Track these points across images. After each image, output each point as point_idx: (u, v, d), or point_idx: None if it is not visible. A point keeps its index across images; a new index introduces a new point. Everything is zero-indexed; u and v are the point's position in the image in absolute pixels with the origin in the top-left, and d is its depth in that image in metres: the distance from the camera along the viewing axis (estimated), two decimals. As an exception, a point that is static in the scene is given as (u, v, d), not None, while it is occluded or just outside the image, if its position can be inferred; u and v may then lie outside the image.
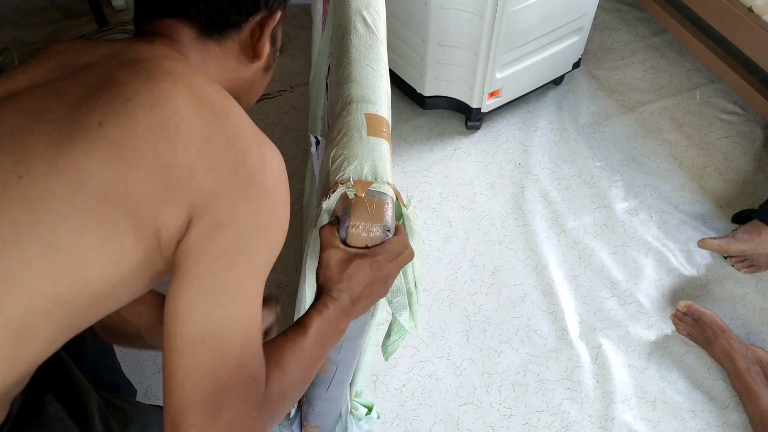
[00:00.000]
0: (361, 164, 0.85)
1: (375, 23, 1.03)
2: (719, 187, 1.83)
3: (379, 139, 0.88)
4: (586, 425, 1.41)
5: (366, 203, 0.82)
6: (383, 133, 0.89)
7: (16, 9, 2.32)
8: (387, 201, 0.83)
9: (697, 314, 1.49)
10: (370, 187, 0.83)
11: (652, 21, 2.24)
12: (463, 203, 1.79)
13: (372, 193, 0.83)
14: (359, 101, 0.91)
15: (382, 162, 0.86)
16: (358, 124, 0.89)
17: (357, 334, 1.02)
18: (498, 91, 1.83)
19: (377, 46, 1.00)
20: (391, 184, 0.86)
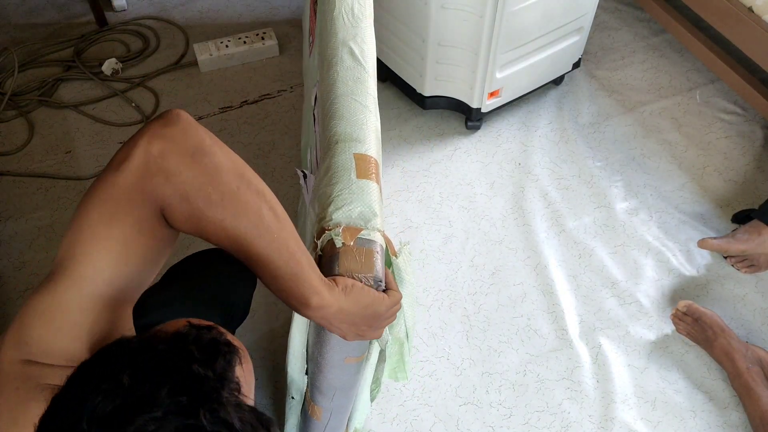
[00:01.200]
0: (350, 209, 0.80)
1: (363, 55, 0.98)
2: (719, 187, 1.83)
3: (369, 182, 0.83)
4: (586, 425, 1.41)
5: (354, 252, 0.77)
6: (372, 174, 0.85)
7: (16, 9, 2.32)
8: (376, 249, 0.78)
9: (697, 314, 1.50)
10: (359, 234, 0.78)
11: (652, 21, 2.24)
12: (463, 203, 1.79)
13: (361, 242, 0.78)
14: (347, 140, 0.87)
15: (370, 206, 0.81)
16: (346, 165, 0.84)
17: (350, 385, 0.99)
18: (498, 91, 1.83)
19: (366, 79, 0.95)
20: (381, 230, 0.81)
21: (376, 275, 0.77)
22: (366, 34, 1.04)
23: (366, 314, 0.80)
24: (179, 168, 0.67)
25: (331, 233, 0.78)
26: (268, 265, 0.73)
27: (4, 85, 2.04)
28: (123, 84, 2.07)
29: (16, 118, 1.98)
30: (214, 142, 0.70)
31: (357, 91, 0.93)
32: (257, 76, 2.10)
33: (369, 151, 0.88)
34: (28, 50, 2.16)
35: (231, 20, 2.27)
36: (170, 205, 0.68)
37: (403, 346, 0.96)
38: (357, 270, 0.76)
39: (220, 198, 0.69)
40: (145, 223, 0.69)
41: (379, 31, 1.90)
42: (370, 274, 0.76)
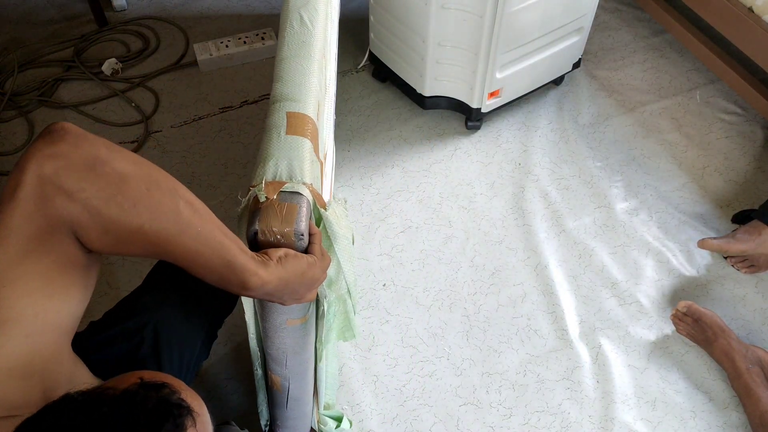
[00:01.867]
0: (276, 164, 0.79)
1: (312, 20, 0.99)
2: (719, 187, 1.83)
3: (299, 138, 0.82)
4: (586, 425, 1.41)
5: (276, 208, 0.75)
6: (306, 131, 0.84)
7: (16, 9, 2.32)
8: (301, 204, 0.77)
9: (697, 314, 1.49)
10: (283, 188, 0.77)
11: (652, 21, 2.24)
12: (463, 203, 1.79)
13: (284, 196, 0.76)
14: (283, 100, 0.87)
15: (299, 161, 0.80)
16: (277, 123, 0.84)
17: (299, 348, 0.99)
18: (498, 91, 1.83)
19: (311, 42, 0.95)
20: (308, 183, 0.80)
21: (296, 229, 0.75)
22: (318, 2, 1.04)
23: (303, 281, 0.79)
24: (80, 184, 0.63)
25: (255, 189, 0.77)
26: (198, 259, 0.71)
27: (4, 85, 2.04)
28: (123, 84, 2.07)
29: (16, 118, 1.98)
30: (111, 149, 0.66)
31: (300, 54, 0.93)
32: (257, 76, 2.10)
33: (305, 110, 0.87)
34: (28, 50, 2.16)
35: (231, 20, 2.28)
36: (80, 224, 0.64)
37: (345, 304, 0.96)
38: (277, 225, 0.75)
39: (133, 204, 0.65)
40: (59, 250, 0.64)
41: (379, 31, 1.90)
42: (289, 228, 0.75)
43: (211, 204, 1.72)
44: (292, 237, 0.76)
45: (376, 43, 1.96)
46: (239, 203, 0.82)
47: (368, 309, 1.58)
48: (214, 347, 1.49)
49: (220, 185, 1.79)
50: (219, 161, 1.85)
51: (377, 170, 1.85)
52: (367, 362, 1.50)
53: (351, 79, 2.08)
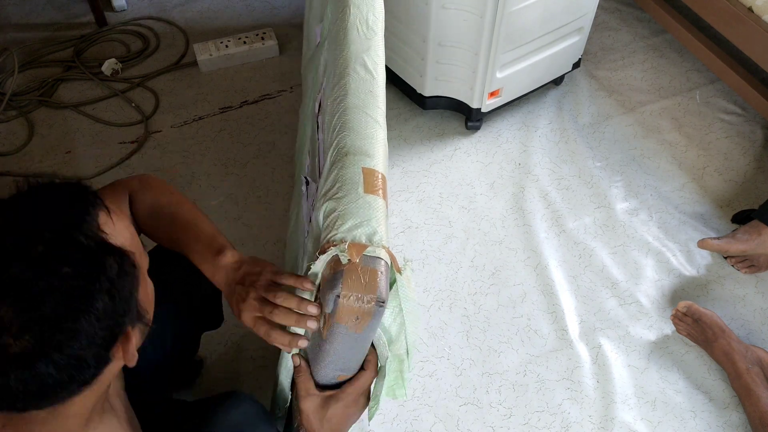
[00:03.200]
0: (356, 224, 0.78)
1: (375, 68, 0.98)
2: (719, 187, 1.83)
3: (376, 198, 0.81)
4: (586, 425, 1.41)
5: (359, 271, 0.75)
6: (378, 190, 0.83)
7: (16, 9, 2.32)
8: (381, 269, 0.76)
9: (697, 315, 1.49)
10: (365, 251, 0.76)
11: (652, 21, 2.24)
12: (463, 203, 1.79)
13: (366, 260, 0.76)
14: (356, 153, 0.86)
15: (378, 223, 0.79)
16: (354, 179, 0.82)
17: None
18: (498, 91, 1.83)
19: (377, 93, 0.95)
20: (386, 247, 0.79)
21: (379, 296, 0.75)
22: (379, 47, 1.03)
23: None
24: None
25: (336, 249, 0.76)
26: (193, 227, 0.91)
27: (4, 85, 2.04)
28: (123, 84, 2.07)
29: (16, 118, 1.98)
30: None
31: (368, 104, 0.92)
32: (257, 76, 2.10)
33: (377, 166, 0.86)
34: (28, 50, 2.16)
35: (231, 20, 2.28)
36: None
37: (402, 363, 0.95)
38: (360, 290, 0.75)
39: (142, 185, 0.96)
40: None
41: (379, 31, 1.90)
42: (372, 295, 0.75)
43: (212, 204, 1.73)
44: (373, 303, 0.75)
45: (376, 43, 1.96)
46: (312, 257, 0.81)
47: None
48: (214, 346, 1.49)
49: (220, 185, 1.79)
50: (219, 161, 1.85)
51: (377, 170, 1.85)
52: (367, 362, 1.50)
53: (351, 79, 2.08)
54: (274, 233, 1.70)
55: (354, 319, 0.77)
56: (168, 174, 1.82)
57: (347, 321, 0.78)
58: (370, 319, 0.77)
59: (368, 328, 0.80)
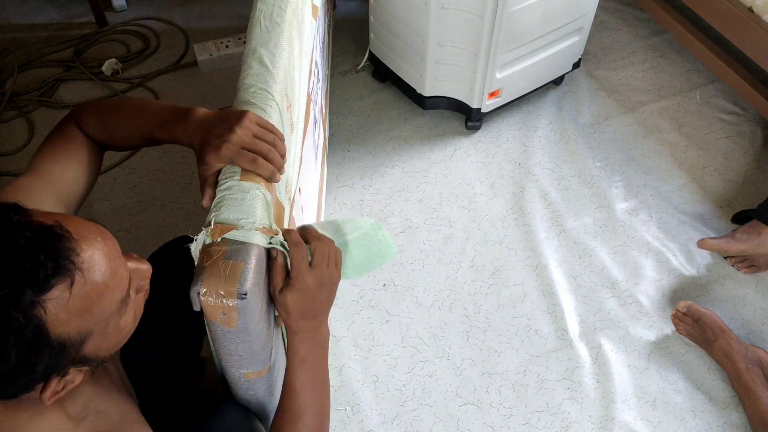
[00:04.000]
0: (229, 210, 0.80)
1: (272, 60, 1.01)
2: (719, 187, 1.83)
3: (252, 184, 0.83)
4: (586, 425, 1.41)
5: (220, 266, 0.75)
6: (258, 177, 0.85)
7: (16, 9, 2.32)
8: (247, 261, 0.76)
9: (697, 315, 1.49)
10: (231, 233, 0.77)
11: (652, 21, 2.24)
12: (463, 203, 1.79)
13: (231, 250, 0.76)
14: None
15: (251, 207, 0.80)
16: (232, 168, 0.85)
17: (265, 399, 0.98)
18: (498, 91, 1.83)
19: (272, 86, 0.98)
20: (265, 227, 0.80)
21: (240, 288, 0.74)
22: (281, 39, 1.04)
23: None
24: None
25: (203, 232, 0.78)
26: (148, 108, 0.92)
27: (4, 86, 2.04)
28: (123, 84, 2.07)
29: (16, 118, 1.98)
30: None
31: (259, 97, 0.95)
32: (257, 76, 2.10)
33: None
34: (28, 50, 2.16)
35: (231, 20, 2.28)
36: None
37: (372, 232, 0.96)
38: (219, 285, 0.74)
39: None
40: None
41: (379, 31, 1.90)
42: (232, 288, 0.74)
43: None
44: (235, 296, 0.75)
45: (376, 43, 1.96)
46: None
47: (368, 309, 1.58)
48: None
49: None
50: (219, 161, 1.85)
51: (377, 170, 1.85)
52: (367, 362, 1.50)
53: (351, 79, 2.08)
54: (274, 233, 1.70)
55: (221, 314, 0.76)
56: (168, 174, 1.82)
57: (216, 317, 0.77)
58: (236, 313, 0.76)
59: (243, 321, 0.78)
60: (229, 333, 0.79)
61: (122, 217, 1.74)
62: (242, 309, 0.76)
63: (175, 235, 1.26)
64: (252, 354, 0.85)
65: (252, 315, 0.78)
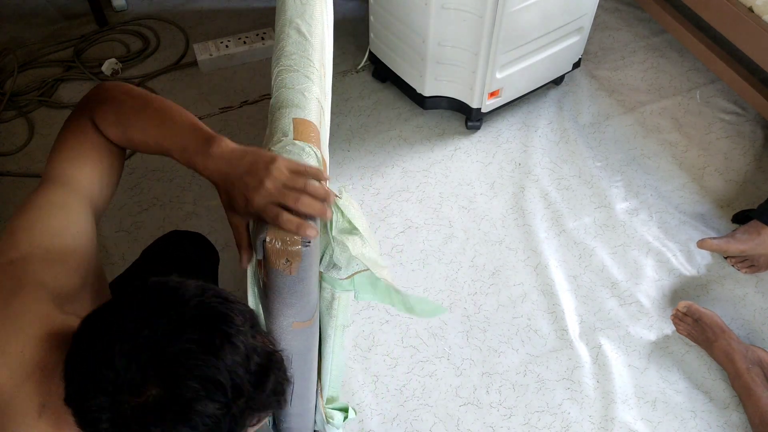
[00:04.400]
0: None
1: (309, 31, 1.02)
2: (719, 187, 1.83)
3: (305, 144, 0.85)
4: (586, 425, 1.41)
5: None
6: (311, 137, 0.86)
7: (16, 9, 2.32)
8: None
9: (697, 315, 1.49)
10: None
11: (652, 21, 2.24)
12: (463, 203, 1.79)
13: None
14: (288, 106, 0.89)
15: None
16: (285, 128, 0.86)
17: (305, 350, 0.99)
18: (498, 91, 1.83)
19: (311, 53, 0.99)
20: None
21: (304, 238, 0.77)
22: (315, 11, 1.07)
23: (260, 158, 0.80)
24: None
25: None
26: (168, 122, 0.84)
27: (4, 86, 2.04)
28: (123, 84, 2.07)
29: (16, 118, 1.98)
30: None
31: (301, 65, 0.96)
32: (257, 76, 2.10)
33: (309, 116, 0.90)
34: (28, 50, 2.16)
35: (231, 20, 2.27)
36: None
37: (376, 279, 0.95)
38: (285, 233, 0.76)
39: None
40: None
41: (379, 31, 1.90)
42: (297, 236, 0.76)
43: (212, 204, 1.73)
44: (299, 244, 0.77)
45: (376, 43, 1.96)
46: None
47: (368, 309, 1.58)
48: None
49: (220, 185, 1.79)
50: (219, 161, 1.85)
51: (377, 170, 1.85)
52: (367, 362, 1.50)
53: (351, 79, 2.08)
54: (274, 233, 1.70)
55: (284, 261, 0.78)
56: (168, 174, 1.82)
57: (278, 264, 0.79)
58: (299, 260, 0.78)
59: (302, 269, 0.80)
60: (289, 280, 0.81)
61: (122, 217, 1.74)
62: (305, 255, 0.78)
63: (175, 235, 1.27)
64: (303, 302, 0.87)
65: (312, 263, 0.81)
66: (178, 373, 0.62)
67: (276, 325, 0.91)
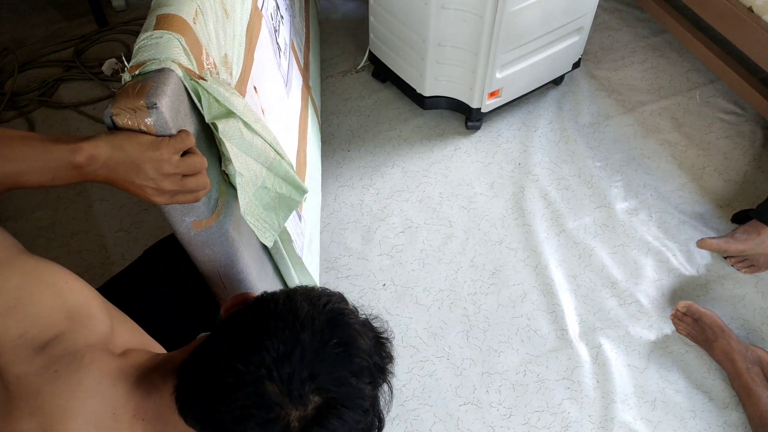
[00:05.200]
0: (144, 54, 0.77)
1: None
2: (719, 187, 1.83)
3: (166, 32, 0.80)
4: (586, 425, 1.42)
5: (129, 88, 0.73)
6: (175, 28, 0.81)
7: (16, 9, 2.32)
8: (157, 80, 0.73)
9: (697, 314, 1.50)
10: (144, 67, 0.74)
11: (652, 21, 2.24)
12: (463, 203, 1.79)
13: (143, 77, 0.74)
14: (156, 8, 0.85)
15: (166, 50, 0.78)
16: (146, 27, 0.81)
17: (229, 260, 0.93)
18: (498, 91, 1.83)
19: None
20: (177, 61, 0.77)
21: (148, 99, 0.71)
22: None
23: (146, 156, 0.74)
24: None
25: (123, 76, 0.75)
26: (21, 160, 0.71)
27: (4, 86, 2.04)
28: (123, 84, 2.07)
29: (16, 118, 1.98)
30: None
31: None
32: (257, 76, 2.10)
33: (179, 11, 0.84)
34: (28, 50, 2.16)
35: (231, 20, 2.27)
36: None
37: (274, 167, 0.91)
38: (129, 102, 0.71)
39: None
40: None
41: (379, 31, 1.90)
42: (140, 101, 0.71)
43: (211, 204, 1.73)
44: (145, 109, 0.72)
45: (376, 43, 1.96)
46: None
47: (368, 309, 1.58)
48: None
49: (220, 185, 1.79)
50: (219, 161, 1.85)
51: (377, 170, 1.85)
52: (367, 362, 1.50)
53: (351, 79, 2.09)
54: (274, 233, 1.70)
55: (138, 131, 0.74)
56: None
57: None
58: (154, 127, 0.74)
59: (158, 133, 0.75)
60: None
61: (122, 217, 1.74)
62: (158, 121, 0.73)
63: (175, 234, 1.26)
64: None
65: (167, 129, 0.75)
66: (336, 377, 0.68)
67: (179, 235, 0.85)
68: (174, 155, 0.75)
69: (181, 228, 0.86)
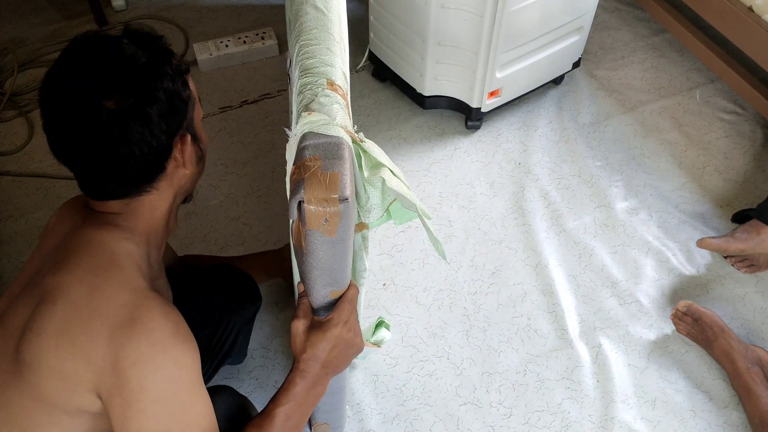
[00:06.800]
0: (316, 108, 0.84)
1: (326, 6, 1.05)
2: (719, 186, 1.83)
3: (333, 93, 0.87)
4: (586, 425, 1.41)
5: (319, 176, 0.78)
6: (337, 90, 0.89)
7: (16, 9, 2.32)
8: (343, 172, 0.80)
9: (697, 314, 1.49)
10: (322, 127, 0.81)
11: (652, 21, 2.24)
12: (463, 203, 1.79)
13: (325, 165, 0.80)
14: (317, 72, 0.92)
15: (335, 111, 0.85)
16: (319, 84, 0.88)
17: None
18: (498, 91, 1.83)
19: (331, 29, 1.01)
20: (344, 126, 0.84)
21: (341, 193, 0.78)
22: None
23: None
24: None
25: (302, 120, 0.81)
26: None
27: (4, 85, 2.04)
28: (123, 84, 2.07)
29: (16, 118, 1.98)
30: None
31: (322, 38, 0.98)
32: (257, 76, 2.10)
33: (336, 79, 0.92)
34: (28, 50, 2.16)
35: (231, 20, 2.28)
36: None
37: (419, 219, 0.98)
38: (322, 191, 0.78)
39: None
40: None
41: (379, 31, 1.90)
42: (334, 194, 0.77)
43: (212, 204, 1.73)
44: (337, 203, 0.78)
45: (376, 43, 1.96)
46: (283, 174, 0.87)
47: (368, 309, 1.58)
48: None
49: (219, 185, 1.79)
50: (219, 161, 1.85)
51: (377, 170, 1.85)
52: (367, 362, 1.50)
53: (351, 78, 2.08)
54: (274, 233, 1.70)
55: (323, 222, 0.79)
56: (168, 174, 1.82)
57: (317, 226, 0.79)
58: (339, 218, 0.79)
59: (341, 229, 0.81)
60: (327, 242, 0.82)
61: (122, 217, 1.74)
62: (344, 213, 0.79)
63: (175, 234, 1.27)
64: (342, 267, 0.89)
65: (350, 222, 0.82)
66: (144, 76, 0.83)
67: (314, 296, 0.92)
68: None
69: (320, 294, 0.92)
